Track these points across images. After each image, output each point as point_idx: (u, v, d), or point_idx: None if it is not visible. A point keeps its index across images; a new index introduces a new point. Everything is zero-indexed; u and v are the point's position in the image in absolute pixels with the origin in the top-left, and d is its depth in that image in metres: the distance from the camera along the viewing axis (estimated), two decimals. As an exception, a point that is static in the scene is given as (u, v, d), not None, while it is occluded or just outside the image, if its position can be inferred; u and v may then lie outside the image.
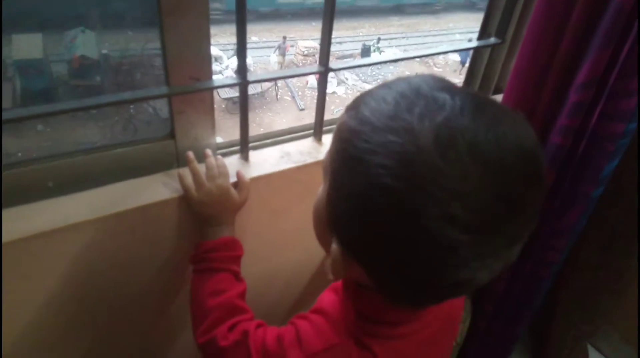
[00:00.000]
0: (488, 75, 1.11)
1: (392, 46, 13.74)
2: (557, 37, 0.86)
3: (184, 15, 0.66)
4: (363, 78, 12.09)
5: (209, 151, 0.74)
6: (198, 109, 0.75)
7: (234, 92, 10.36)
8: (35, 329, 0.70)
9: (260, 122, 10.72)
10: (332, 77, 11.27)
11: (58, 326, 0.72)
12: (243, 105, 0.75)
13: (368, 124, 0.40)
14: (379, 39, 13.47)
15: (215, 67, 11.00)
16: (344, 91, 11.59)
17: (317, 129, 0.86)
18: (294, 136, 0.90)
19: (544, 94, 0.91)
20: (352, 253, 0.44)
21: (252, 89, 10.22)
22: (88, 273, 0.70)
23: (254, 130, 0.76)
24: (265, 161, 0.80)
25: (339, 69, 0.80)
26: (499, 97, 1.02)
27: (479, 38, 1.07)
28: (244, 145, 0.79)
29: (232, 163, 0.78)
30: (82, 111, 0.63)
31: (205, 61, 0.72)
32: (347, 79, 11.66)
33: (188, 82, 0.71)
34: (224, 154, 0.81)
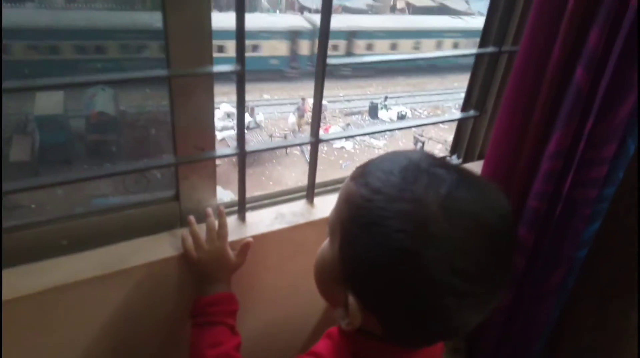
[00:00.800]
0: (472, 143, 1.20)
1: (399, 104, 14.16)
2: (529, 111, 0.94)
3: (191, 95, 0.76)
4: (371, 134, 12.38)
5: (210, 211, 0.81)
6: (201, 175, 0.84)
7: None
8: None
9: (270, 176, 10.92)
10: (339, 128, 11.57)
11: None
12: (241, 172, 0.83)
13: (381, 193, 0.47)
14: (386, 98, 13.93)
15: (228, 123, 11.38)
16: (352, 146, 11.85)
17: (309, 193, 0.93)
18: (288, 197, 0.98)
19: (520, 162, 0.99)
20: (369, 306, 0.51)
21: (262, 145, 10.48)
22: (97, 324, 0.76)
23: (263, 183, 0.84)
24: (261, 222, 0.88)
25: (329, 140, 0.89)
26: (481, 164, 1.10)
27: (462, 110, 1.17)
28: (242, 207, 0.86)
29: (230, 223, 0.85)
30: (97, 179, 0.72)
31: (209, 132, 0.81)
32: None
33: (193, 152, 0.80)
34: (222, 215, 0.88)
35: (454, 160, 1.25)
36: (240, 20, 0.68)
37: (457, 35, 16.07)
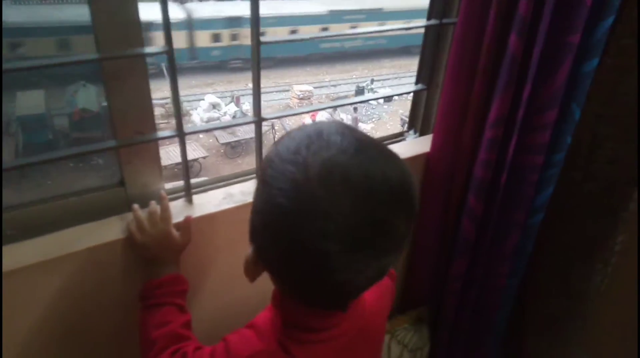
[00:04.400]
0: (427, 117, 1.21)
1: (385, 86, 14.14)
2: (470, 81, 0.96)
3: (125, 79, 0.77)
4: (358, 117, 12.37)
5: (153, 202, 0.83)
6: (144, 159, 0.84)
7: (232, 137, 10.61)
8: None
9: (259, 165, 10.88)
10: (327, 118, 11.57)
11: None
12: (183, 155, 0.84)
13: (278, 156, 0.51)
14: (372, 80, 13.88)
15: (213, 114, 11.30)
16: (338, 130, 11.85)
17: (258, 172, 0.95)
18: (240, 179, 0.99)
19: (465, 132, 1.01)
20: (262, 258, 0.55)
21: (249, 134, 10.46)
22: (43, 310, 0.77)
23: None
24: (209, 203, 0.89)
25: (271, 119, 0.90)
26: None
27: (415, 84, 1.18)
28: (187, 190, 0.87)
29: (177, 205, 0.87)
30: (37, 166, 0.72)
31: (148, 116, 0.81)
32: (342, 119, 11.96)
33: (133, 136, 0.81)
34: (171, 199, 0.89)
35: (411, 135, 1.26)
36: (164, 3, 0.69)
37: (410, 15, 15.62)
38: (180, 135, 0.81)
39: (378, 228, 0.48)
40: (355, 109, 12.09)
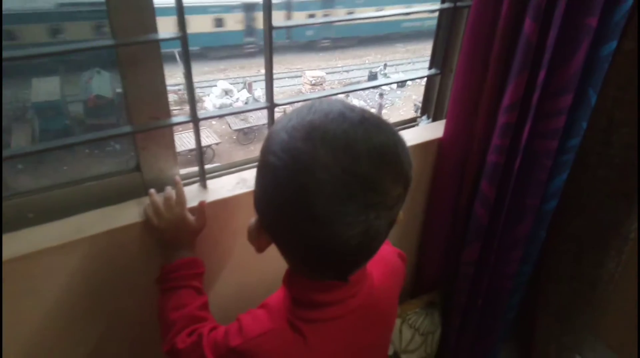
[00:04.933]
0: (440, 102, 1.20)
1: (399, 72, 13.98)
2: (484, 66, 0.95)
3: (140, 65, 0.78)
4: (371, 104, 12.29)
5: (168, 187, 0.84)
6: (160, 144, 0.86)
7: (244, 124, 10.63)
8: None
9: (271, 152, 10.90)
10: (339, 105, 11.50)
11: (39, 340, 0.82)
12: (197, 140, 0.85)
13: (274, 130, 0.55)
14: (385, 65, 13.74)
15: (226, 100, 11.32)
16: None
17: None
18: (254, 164, 1.00)
19: (479, 118, 1.00)
20: (264, 225, 0.59)
21: (262, 120, 10.47)
22: (63, 292, 0.80)
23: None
24: (222, 188, 0.90)
25: (283, 104, 0.91)
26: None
27: (429, 69, 1.17)
28: (202, 175, 0.89)
29: (191, 190, 0.88)
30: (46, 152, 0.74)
31: (162, 101, 0.82)
32: (355, 105, 11.88)
33: (148, 122, 0.82)
34: (186, 184, 0.91)
35: (424, 120, 1.25)
36: (177, -12, 0.69)
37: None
38: (195, 120, 0.82)
39: (362, 183, 0.50)
40: (381, 95, 12.05)
